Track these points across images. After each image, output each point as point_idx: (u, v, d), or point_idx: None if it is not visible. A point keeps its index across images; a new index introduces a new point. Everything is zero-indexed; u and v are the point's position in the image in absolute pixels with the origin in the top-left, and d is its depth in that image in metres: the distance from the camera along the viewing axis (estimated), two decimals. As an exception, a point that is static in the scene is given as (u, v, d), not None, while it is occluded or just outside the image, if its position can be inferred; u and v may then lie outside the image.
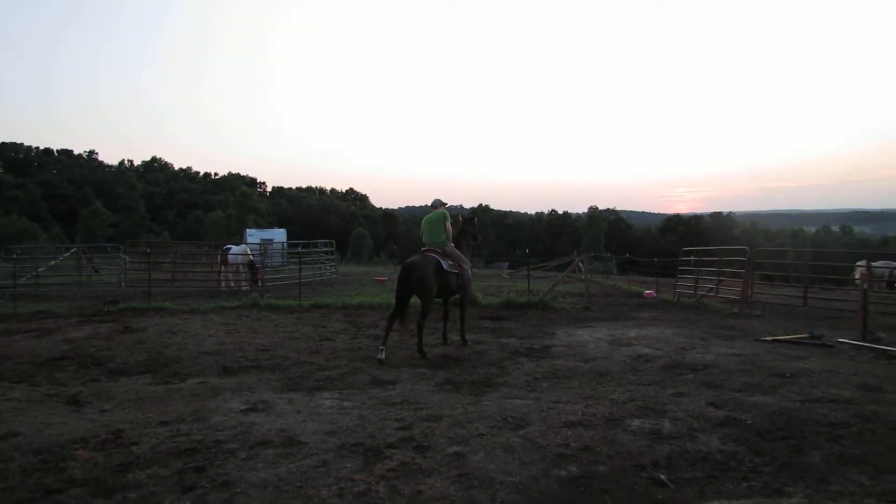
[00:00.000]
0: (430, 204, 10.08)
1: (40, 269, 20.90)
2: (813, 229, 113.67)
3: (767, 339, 10.07)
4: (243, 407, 5.91)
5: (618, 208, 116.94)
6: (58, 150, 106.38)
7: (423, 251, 9.39)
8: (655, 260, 27.02)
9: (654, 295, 19.17)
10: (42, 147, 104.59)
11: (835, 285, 17.94)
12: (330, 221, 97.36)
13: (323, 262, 26.27)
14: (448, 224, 9.65)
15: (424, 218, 9.89)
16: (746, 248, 16.26)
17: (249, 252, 20.52)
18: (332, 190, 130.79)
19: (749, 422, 5.22)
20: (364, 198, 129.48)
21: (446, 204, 10.18)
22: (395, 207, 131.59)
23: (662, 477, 4.10)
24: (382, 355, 8.35)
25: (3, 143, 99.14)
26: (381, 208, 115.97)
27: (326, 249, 26.71)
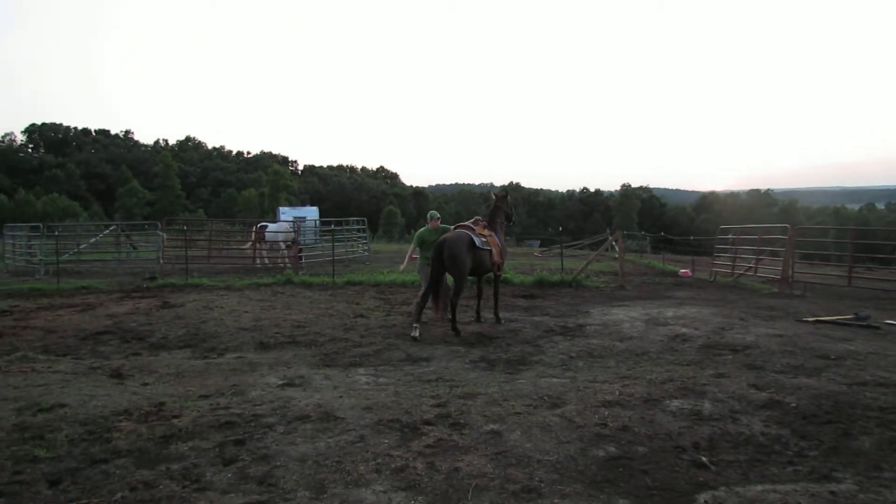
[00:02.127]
0: (428, 217, 9.90)
1: (82, 246, 21.42)
2: (856, 207, 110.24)
3: (809, 319, 9.81)
4: (280, 382, 5.97)
5: (651, 186, 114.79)
6: (95, 130, 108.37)
7: (455, 227, 9.34)
8: (691, 238, 26.53)
9: (690, 274, 18.86)
10: (80, 127, 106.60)
11: (880, 265, 17.38)
12: (361, 199, 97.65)
13: (355, 240, 26.41)
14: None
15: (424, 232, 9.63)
16: (788, 226, 15.85)
17: (290, 229, 20.57)
18: (363, 168, 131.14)
19: (793, 405, 5.10)
20: (395, 176, 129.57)
21: (439, 218, 9.89)
22: (426, 185, 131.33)
23: (704, 459, 4.03)
24: (416, 333, 8.36)
25: (44, 124, 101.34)
26: (411, 186, 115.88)
27: (358, 227, 26.83)
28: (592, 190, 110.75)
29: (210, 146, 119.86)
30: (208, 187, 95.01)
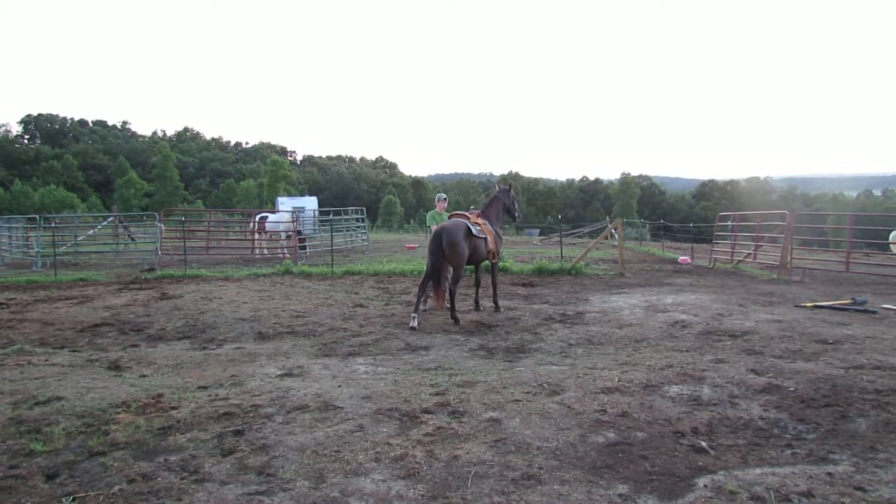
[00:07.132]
0: (436, 198, 11.03)
1: (79, 238, 21.37)
2: (854, 194, 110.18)
3: (808, 305, 9.82)
4: (279, 372, 5.97)
5: (650, 174, 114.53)
6: (92, 121, 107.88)
7: (451, 215, 9.53)
8: (691, 226, 26.55)
9: (689, 261, 18.85)
10: (77, 118, 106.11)
11: (878, 250, 17.39)
12: (360, 189, 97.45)
13: (354, 230, 26.38)
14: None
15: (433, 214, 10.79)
16: (786, 212, 15.83)
17: (292, 220, 20.46)
18: (362, 158, 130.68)
19: (791, 389, 5.10)
20: (393, 165, 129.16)
21: (446, 199, 11.08)
22: (425, 175, 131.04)
23: (703, 444, 4.03)
24: (415, 323, 8.35)
25: (40, 115, 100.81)
26: (410, 176, 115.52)
27: (357, 217, 26.79)
28: (592, 178, 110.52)
29: (208, 137, 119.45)
30: (207, 178, 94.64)
